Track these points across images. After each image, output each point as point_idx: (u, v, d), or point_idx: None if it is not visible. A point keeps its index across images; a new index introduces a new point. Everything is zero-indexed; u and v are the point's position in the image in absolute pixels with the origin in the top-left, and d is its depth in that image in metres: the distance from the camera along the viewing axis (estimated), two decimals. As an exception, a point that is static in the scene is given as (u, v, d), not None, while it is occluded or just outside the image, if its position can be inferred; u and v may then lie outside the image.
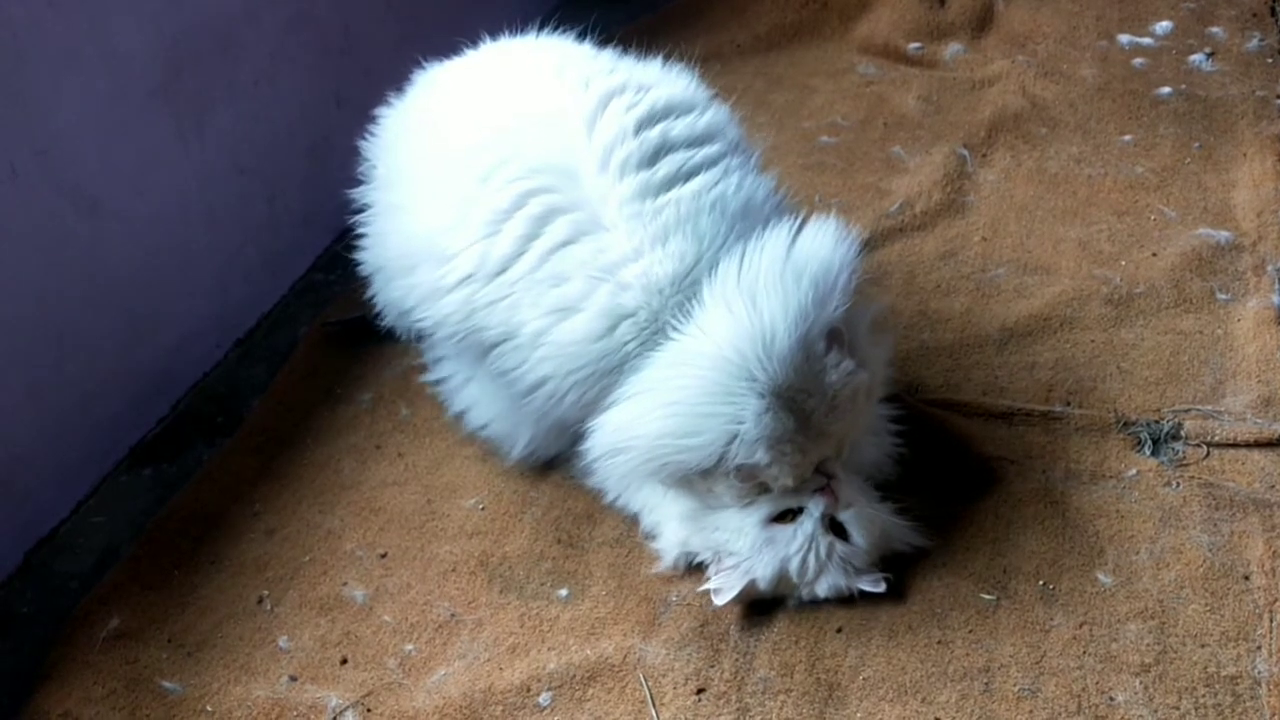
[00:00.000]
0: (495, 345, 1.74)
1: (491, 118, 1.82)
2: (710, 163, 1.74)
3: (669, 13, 3.17)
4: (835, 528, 1.67)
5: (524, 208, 1.70)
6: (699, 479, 1.65)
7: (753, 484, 1.64)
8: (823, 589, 1.67)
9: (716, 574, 1.67)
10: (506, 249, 1.70)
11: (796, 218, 1.70)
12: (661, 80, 1.86)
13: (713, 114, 1.84)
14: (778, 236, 1.66)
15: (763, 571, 1.65)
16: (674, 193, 1.69)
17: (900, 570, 1.72)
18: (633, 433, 1.62)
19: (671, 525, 1.74)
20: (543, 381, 1.70)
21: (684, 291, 1.64)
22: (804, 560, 1.64)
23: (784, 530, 1.65)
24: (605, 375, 1.66)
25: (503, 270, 1.71)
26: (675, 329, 1.63)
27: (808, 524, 1.65)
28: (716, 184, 1.71)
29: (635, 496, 1.80)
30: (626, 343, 1.65)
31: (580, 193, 1.69)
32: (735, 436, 1.57)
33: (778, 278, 1.61)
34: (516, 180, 1.71)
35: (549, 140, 1.73)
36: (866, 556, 1.68)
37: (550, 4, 3.11)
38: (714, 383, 1.58)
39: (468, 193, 1.75)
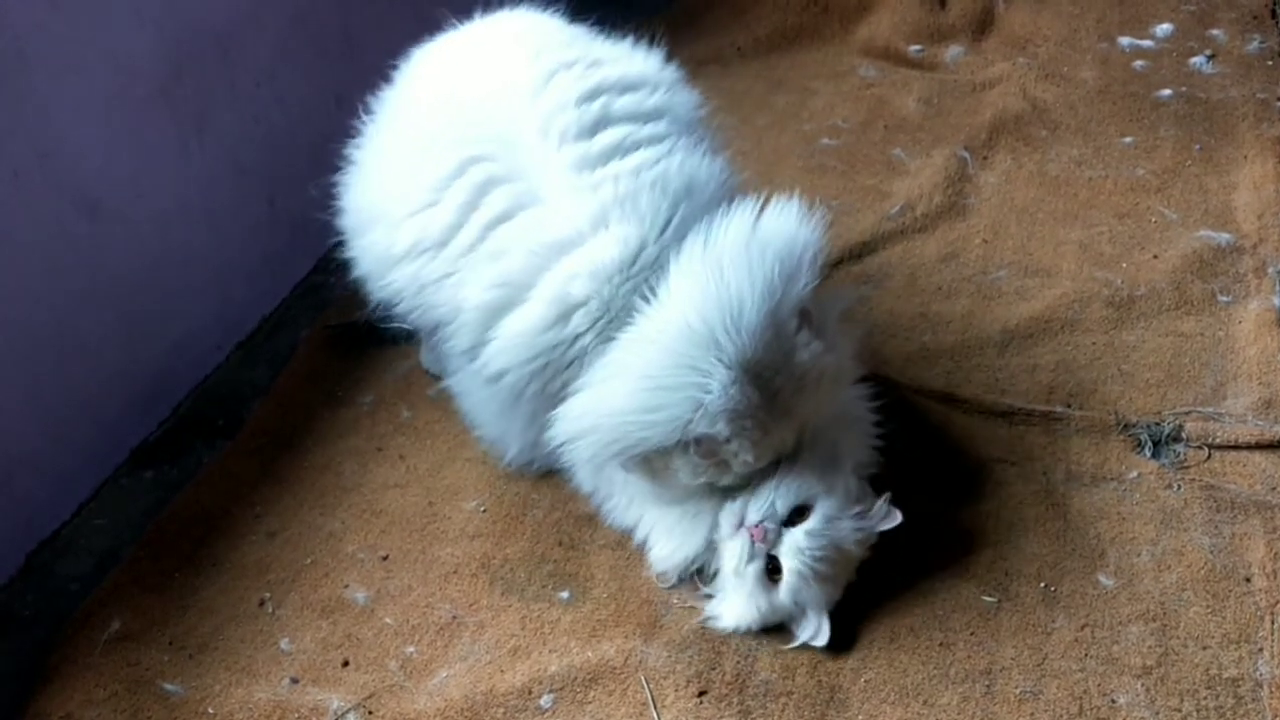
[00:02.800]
0: (446, 325, 1.74)
1: (447, 85, 1.83)
2: (653, 140, 1.73)
3: (669, 16, 3.18)
4: (795, 515, 1.64)
5: (465, 174, 1.70)
6: (657, 457, 1.63)
7: (713, 461, 1.61)
8: (858, 551, 1.65)
9: (799, 634, 1.65)
10: (447, 218, 1.70)
11: (759, 198, 1.69)
12: (619, 58, 1.84)
13: (666, 93, 1.82)
14: (742, 214, 1.65)
15: (822, 598, 1.63)
16: (612, 167, 1.68)
17: (902, 573, 1.72)
18: (597, 413, 1.61)
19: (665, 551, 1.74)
20: (502, 373, 1.70)
21: (634, 279, 1.63)
22: (820, 561, 1.61)
23: (783, 584, 1.63)
24: (563, 369, 1.66)
25: (445, 243, 1.71)
26: (634, 315, 1.62)
27: (787, 557, 1.62)
28: (658, 162, 1.70)
29: (629, 513, 1.80)
30: (581, 334, 1.64)
31: (519, 161, 1.69)
32: (700, 406, 1.56)
33: (743, 251, 1.61)
34: (458, 146, 1.72)
35: (493, 108, 1.73)
36: (845, 499, 1.65)
37: (550, 9, 3.11)
38: (679, 354, 1.57)
39: (414, 157, 1.76)
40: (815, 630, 1.64)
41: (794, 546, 1.62)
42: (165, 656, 1.72)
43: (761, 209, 1.67)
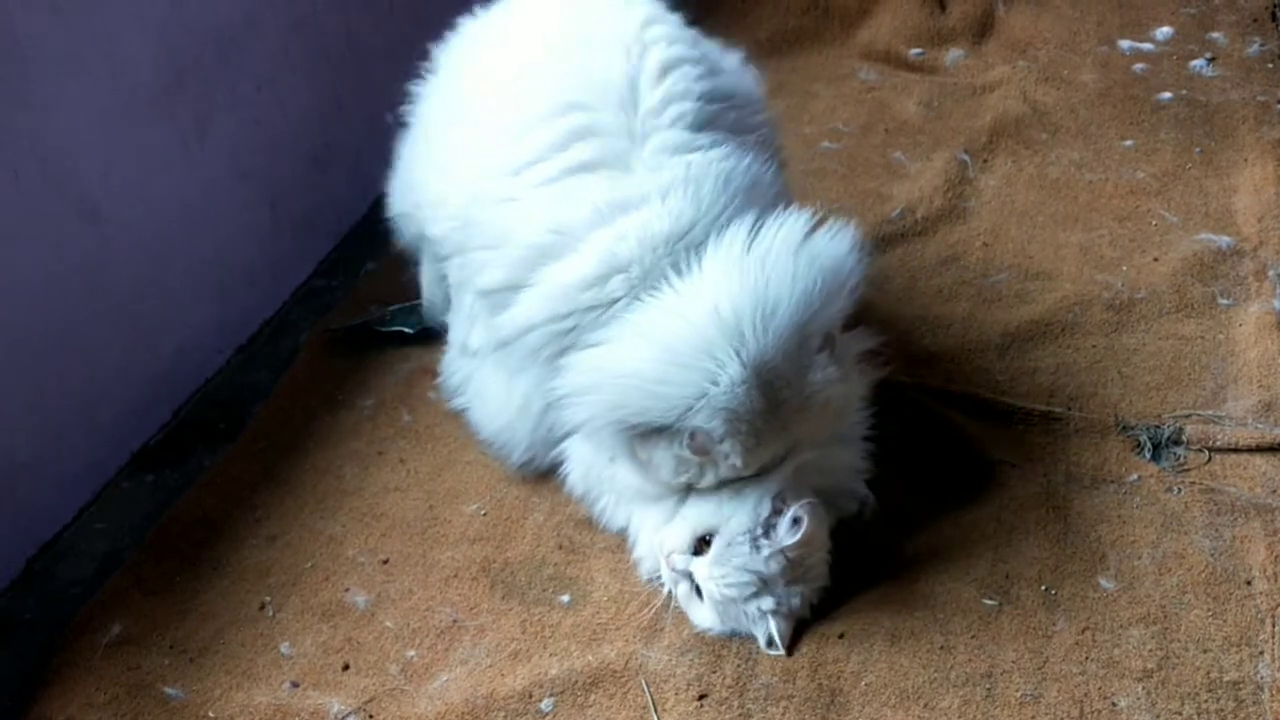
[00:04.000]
0: (483, 248, 1.74)
1: (569, 29, 1.84)
2: (742, 147, 1.76)
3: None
4: (702, 543, 1.64)
5: (565, 116, 1.71)
6: (642, 446, 1.63)
7: (704, 458, 1.60)
8: (777, 566, 1.61)
9: (760, 640, 1.65)
10: (530, 153, 1.71)
11: (814, 212, 1.71)
12: (734, 70, 1.90)
13: (765, 115, 1.88)
14: (795, 220, 1.67)
15: (759, 611, 1.62)
16: (696, 155, 1.71)
17: (902, 576, 1.72)
18: (606, 371, 1.61)
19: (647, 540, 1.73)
20: (528, 328, 1.70)
21: (675, 254, 1.65)
22: (731, 586, 1.60)
23: (706, 605, 1.63)
24: (584, 334, 1.66)
25: (518, 172, 1.72)
26: (663, 286, 1.63)
27: (701, 582, 1.62)
28: (729, 158, 1.73)
29: (619, 513, 1.80)
30: (616, 299, 1.65)
31: (625, 122, 1.71)
32: (704, 395, 1.56)
33: (790, 256, 1.62)
34: (571, 90, 1.73)
35: (618, 66, 1.75)
36: (751, 520, 1.63)
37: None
38: (701, 335, 1.57)
39: (519, 88, 1.78)
40: (765, 638, 1.63)
41: (702, 575, 1.62)
42: (166, 660, 1.72)
43: (815, 224, 1.69)
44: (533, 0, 1.96)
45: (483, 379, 1.94)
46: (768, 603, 1.62)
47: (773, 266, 1.60)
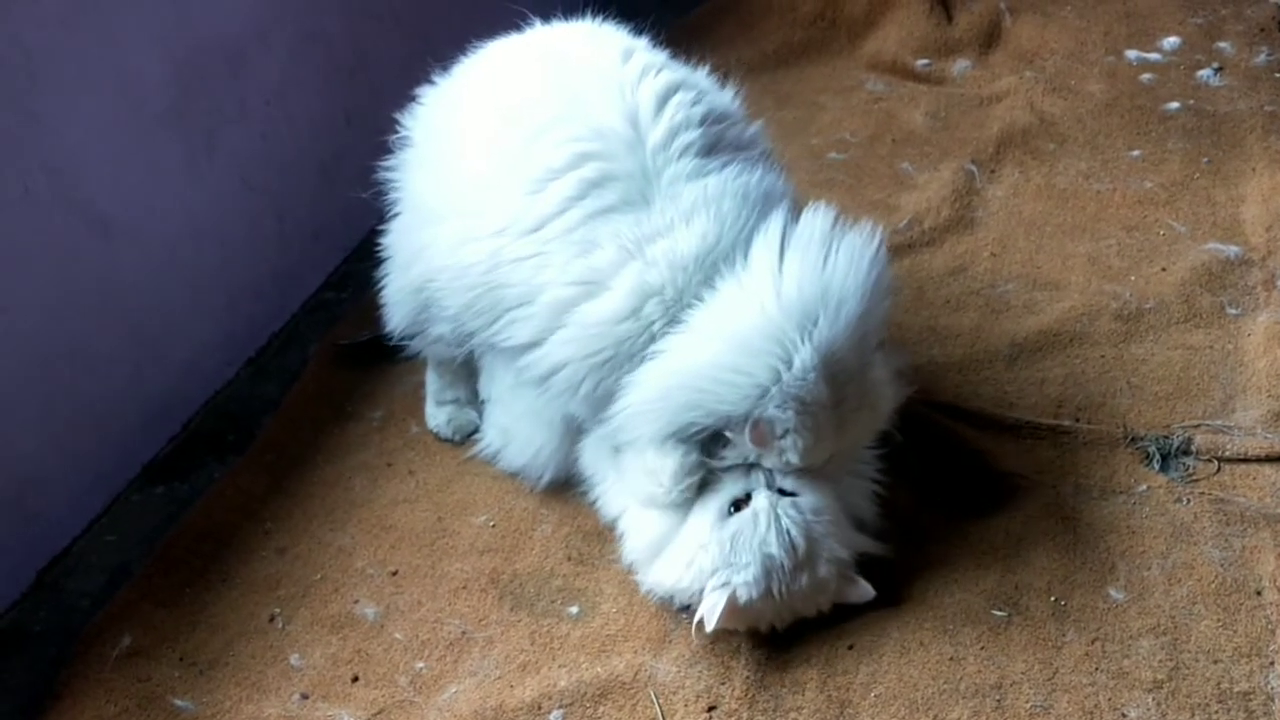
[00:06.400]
0: (511, 309, 1.74)
1: (551, 78, 1.83)
2: (747, 163, 1.78)
3: (676, 31, 3.19)
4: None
5: (579, 169, 1.71)
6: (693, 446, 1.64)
7: (764, 447, 1.60)
8: (823, 569, 1.63)
9: (704, 600, 1.62)
10: (549, 208, 1.71)
11: (831, 208, 1.73)
12: (715, 89, 1.91)
13: (754, 128, 1.90)
14: (825, 217, 1.69)
15: (744, 576, 1.60)
16: (711, 178, 1.72)
17: (912, 587, 1.72)
18: (676, 373, 1.62)
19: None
20: (561, 365, 1.71)
21: (706, 270, 1.66)
22: (779, 536, 1.60)
23: (742, 517, 1.61)
24: (625, 362, 1.67)
25: (539, 228, 1.72)
26: (723, 285, 1.65)
27: (761, 498, 1.62)
28: (742, 174, 1.74)
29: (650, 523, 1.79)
30: (653, 322, 1.66)
31: (637, 163, 1.71)
32: (777, 380, 1.57)
33: (843, 248, 1.65)
34: (577, 141, 1.73)
35: (614, 108, 1.75)
36: (835, 516, 1.66)
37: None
38: (772, 321, 1.59)
39: (518, 145, 1.77)
40: (708, 608, 1.60)
41: (772, 498, 1.62)
42: (176, 672, 1.72)
43: (835, 217, 1.71)
44: (500, 58, 1.93)
45: (503, 415, 1.95)
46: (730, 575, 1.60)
47: (828, 255, 1.64)
